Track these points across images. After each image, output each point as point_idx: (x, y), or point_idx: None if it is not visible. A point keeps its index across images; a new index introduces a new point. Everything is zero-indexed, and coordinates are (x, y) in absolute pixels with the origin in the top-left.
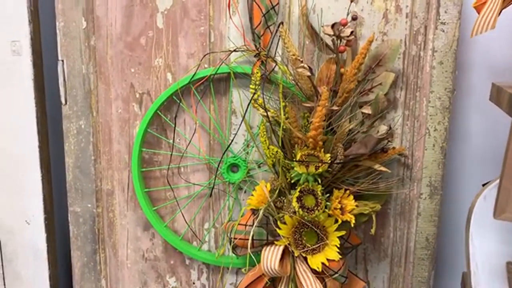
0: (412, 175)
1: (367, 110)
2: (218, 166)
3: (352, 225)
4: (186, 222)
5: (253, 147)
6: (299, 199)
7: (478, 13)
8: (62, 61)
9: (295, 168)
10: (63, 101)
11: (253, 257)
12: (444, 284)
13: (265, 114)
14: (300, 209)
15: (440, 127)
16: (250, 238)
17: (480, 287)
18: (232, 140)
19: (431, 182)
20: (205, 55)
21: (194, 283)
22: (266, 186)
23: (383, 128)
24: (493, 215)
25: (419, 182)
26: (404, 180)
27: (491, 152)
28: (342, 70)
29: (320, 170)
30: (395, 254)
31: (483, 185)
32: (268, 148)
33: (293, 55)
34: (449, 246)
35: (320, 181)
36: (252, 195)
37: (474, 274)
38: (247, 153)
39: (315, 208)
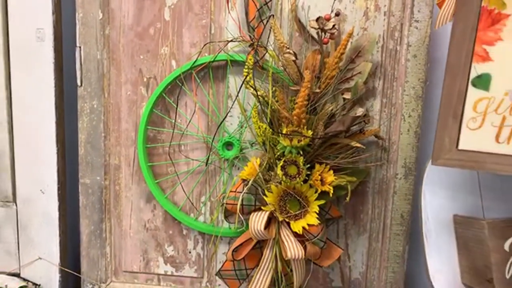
0: (389, 157)
1: (347, 95)
2: (213, 140)
3: (331, 195)
4: (185, 193)
5: (246, 127)
6: (283, 168)
7: (440, 9)
8: (80, 47)
9: (280, 142)
10: (79, 83)
11: (242, 218)
12: (417, 258)
13: (255, 94)
14: (283, 176)
15: (414, 114)
16: (240, 201)
17: (430, 234)
18: (225, 117)
19: (405, 164)
20: (205, 44)
21: (190, 252)
22: (256, 161)
23: (360, 110)
24: (431, 162)
25: (395, 164)
26: (382, 161)
27: None
28: (326, 59)
29: (302, 143)
30: (373, 230)
31: None
32: (259, 128)
33: (281, 42)
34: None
35: (302, 153)
36: (245, 170)
37: (425, 224)
38: (241, 133)
39: (297, 176)
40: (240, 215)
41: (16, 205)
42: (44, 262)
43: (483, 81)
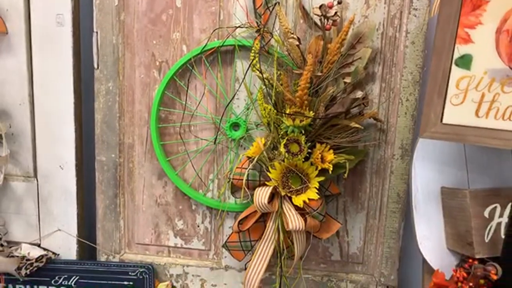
0: (387, 138)
1: (347, 79)
2: (220, 121)
3: (330, 173)
4: (195, 170)
5: (252, 109)
6: (286, 145)
7: None
8: (97, 32)
9: (284, 121)
10: (95, 66)
11: (248, 192)
12: (412, 234)
13: (261, 76)
14: (286, 153)
15: (411, 98)
16: (245, 176)
17: (419, 205)
18: (232, 99)
19: (402, 145)
20: (214, 30)
21: (198, 226)
22: (261, 140)
23: (359, 93)
24: (419, 135)
25: (393, 145)
26: (379, 141)
27: None
28: (328, 45)
29: (304, 123)
30: (371, 207)
31: None
32: (264, 109)
33: (286, 28)
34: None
35: (304, 133)
36: (250, 149)
37: (415, 195)
38: (247, 114)
39: (299, 153)
40: (246, 190)
41: (37, 180)
42: (63, 234)
43: (465, 61)
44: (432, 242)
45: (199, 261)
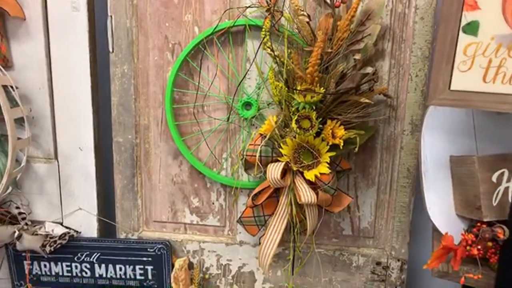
0: (397, 114)
1: (357, 56)
2: (233, 101)
3: (341, 148)
4: (209, 148)
5: (263, 88)
6: (297, 121)
7: None
8: (111, 16)
9: (295, 98)
10: (110, 49)
11: (261, 166)
12: (422, 208)
13: (273, 54)
14: (297, 129)
15: (421, 73)
16: (258, 152)
17: (427, 172)
18: (243, 78)
19: (412, 121)
20: (225, 11)
21: (213, 203)
22: (273, 118)
23: (369, 68)
24: (426, 103)
25: (402, 121)
26: (390, 119)
27: None
28: (337, 22)
29: (315, 99)
30: (382, 183)
31: None
32: (276, 88)
33: (296, 5)
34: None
35: (315, 109)
36: (262, 127)
37: (424, 163)
38: (258, 94)
39: (310, 128)
40: (260, 165)
41: (57, 161)
42: (84, 212)
43: (472, 28)
44: (440, 207)
45: (215, 237)
